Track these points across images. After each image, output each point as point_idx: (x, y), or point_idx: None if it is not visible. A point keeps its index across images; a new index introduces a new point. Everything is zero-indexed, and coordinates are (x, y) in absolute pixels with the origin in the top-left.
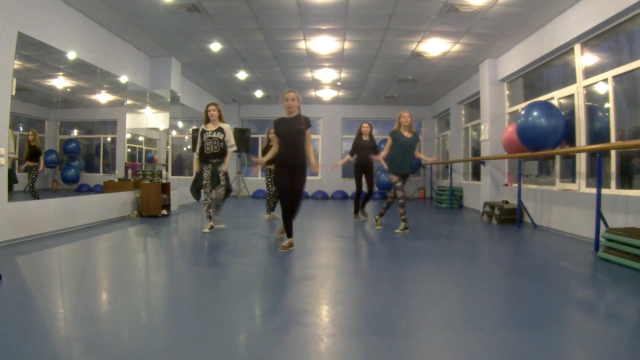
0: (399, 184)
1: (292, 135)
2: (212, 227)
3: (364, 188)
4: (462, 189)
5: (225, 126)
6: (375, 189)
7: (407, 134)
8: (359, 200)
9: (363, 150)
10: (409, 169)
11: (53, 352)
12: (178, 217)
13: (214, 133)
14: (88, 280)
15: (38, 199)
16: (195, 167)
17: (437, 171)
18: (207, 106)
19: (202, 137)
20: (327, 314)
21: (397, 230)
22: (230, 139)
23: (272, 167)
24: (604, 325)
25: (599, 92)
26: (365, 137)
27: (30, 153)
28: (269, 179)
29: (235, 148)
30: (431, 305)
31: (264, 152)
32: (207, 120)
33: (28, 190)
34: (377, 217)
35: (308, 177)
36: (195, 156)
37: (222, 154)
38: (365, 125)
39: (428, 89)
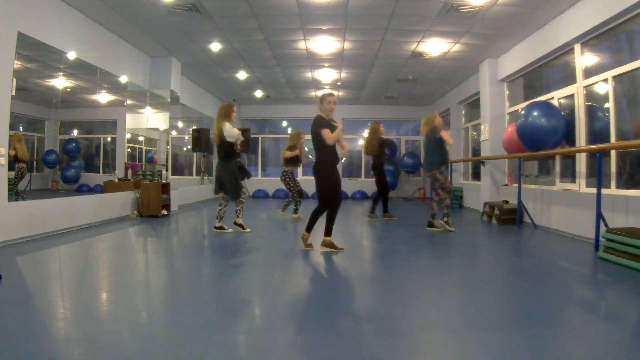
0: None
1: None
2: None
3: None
4: (462, 189)
5: None
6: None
7: (424, 131)
8: (379, 201)
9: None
10: (426, 166)
11: (53, 352)
12: (178, 217)
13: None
14: (88, 280)
15: (23, 199)
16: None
17: None
18: (233, 107)
19: (229, 138)
20: (327, 314)
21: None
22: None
23: (289, 168)
24: (604, 325)
25: (599, 92)
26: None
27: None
28: (289, 180)
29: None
30: (431, 305)
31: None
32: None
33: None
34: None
35: (307, 178)
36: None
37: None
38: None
39: (428, 89)
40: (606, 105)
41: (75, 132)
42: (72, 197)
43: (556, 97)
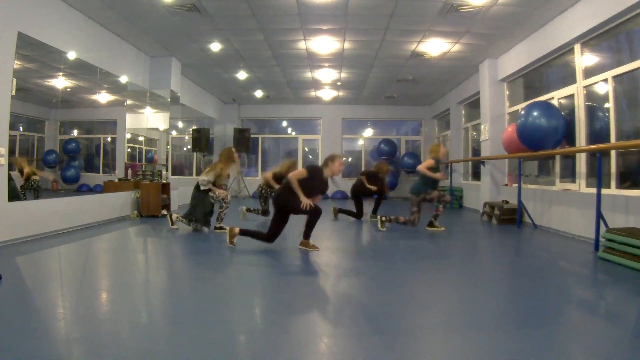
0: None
1: (319, 191)
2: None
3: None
4: (462, 189)
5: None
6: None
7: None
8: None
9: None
10: (414, 188)
11: (53, 352)
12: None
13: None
14: (88, 280)
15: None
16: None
17: None
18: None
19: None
20: (327, 314)
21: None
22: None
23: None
24: (604, 325)
25: (599, 92)
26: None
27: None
28: (266, 194)
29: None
30: (431, 305)
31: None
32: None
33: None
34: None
35: None
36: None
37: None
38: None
39: (428, 89)
40: (606, 105)
41: (75, 132)
42: (72, 197)
43: (556, 97)
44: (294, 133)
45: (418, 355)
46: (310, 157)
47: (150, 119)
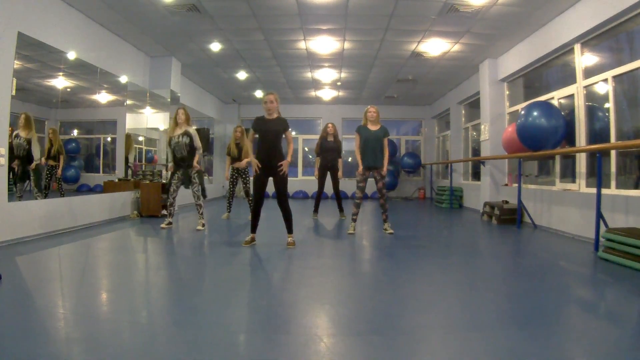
0: (361, 184)
1: (272, 136)
2: (170, 223)
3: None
4: (462, 189)
5: (192, 130)
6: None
7: (372, 128)
8: (320, 200)
9: (328, 152)
10: (375, 163)
11: (53, 352)
12: (178, 217)
13: (180, 137)
14: (88, 280)
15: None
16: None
17: (437, 171)
18: (177, 110)
19: (170, 145)
20: (327, 314)
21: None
22: (198, 142)
23: (240, 165)
24: (604, 325)
25: (599, 92)
26: (330, 138)
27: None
28: (232, 179)
29: (202, 150)
30: (431, 305)
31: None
32: (175, 124)
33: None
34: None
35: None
36: (171, 164)
37: (190, 157)
38: (330, 125)
39: (428, 89)
40: (606, 105)
41: (75, 132)
42: (72, 197)
43: (556, 97)
44: (294, 133)
45: (418, 355)
46: (310, 157)
47: (150, 119)
